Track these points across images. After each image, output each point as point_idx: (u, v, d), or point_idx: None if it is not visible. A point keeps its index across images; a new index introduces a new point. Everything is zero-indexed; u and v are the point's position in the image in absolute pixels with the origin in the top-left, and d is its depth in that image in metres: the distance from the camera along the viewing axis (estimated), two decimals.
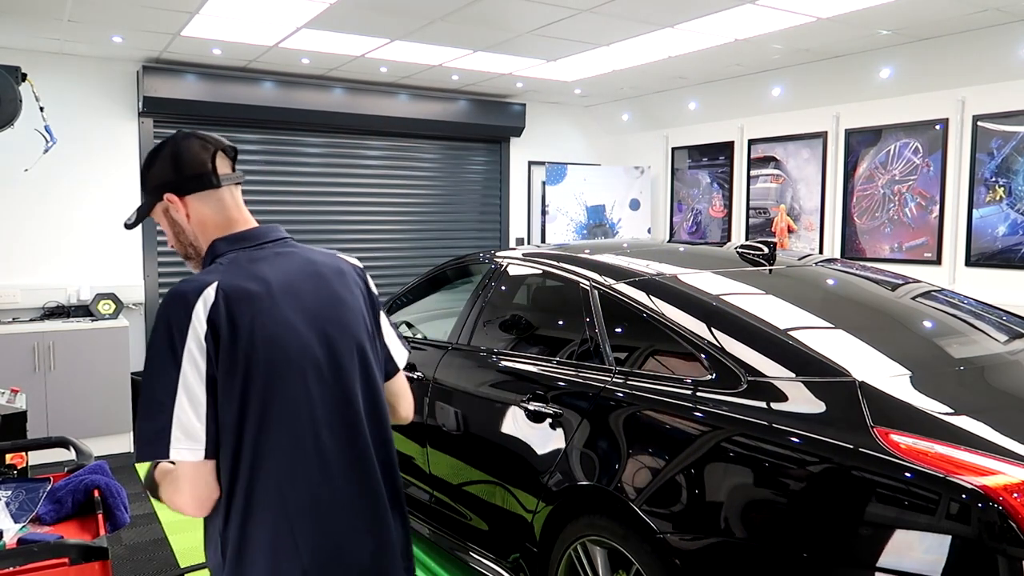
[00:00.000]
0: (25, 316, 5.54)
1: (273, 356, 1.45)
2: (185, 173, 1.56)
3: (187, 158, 1.57)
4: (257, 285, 1.48)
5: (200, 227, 1.58)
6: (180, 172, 1.56)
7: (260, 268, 1.52)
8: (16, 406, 3.57)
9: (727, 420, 2.07)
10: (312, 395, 1.49)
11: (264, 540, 1.45)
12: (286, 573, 1.45)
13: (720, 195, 7.00)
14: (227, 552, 1.47)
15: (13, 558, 1.82)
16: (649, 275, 2.73)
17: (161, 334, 1.42)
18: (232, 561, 1.46)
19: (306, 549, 1.46)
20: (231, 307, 1.43)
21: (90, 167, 5.80)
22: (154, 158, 1.60)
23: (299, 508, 1.46)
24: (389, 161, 7.09)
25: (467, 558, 3.05)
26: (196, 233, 1.59)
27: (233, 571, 1.47)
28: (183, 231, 1.60)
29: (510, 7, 4.48)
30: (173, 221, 1.60)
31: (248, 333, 1.43)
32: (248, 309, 1.45)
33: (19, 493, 2.21)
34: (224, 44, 5.38)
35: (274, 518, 1.45)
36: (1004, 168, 5.00)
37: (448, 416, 3.15)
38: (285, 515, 1.46)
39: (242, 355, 1.42)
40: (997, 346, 2.44)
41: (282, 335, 1.47)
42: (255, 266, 1.52)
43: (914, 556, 1.69)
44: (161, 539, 3.99)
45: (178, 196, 1.56)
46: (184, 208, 1.57)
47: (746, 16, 4.60)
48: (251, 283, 1.48)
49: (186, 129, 1.67)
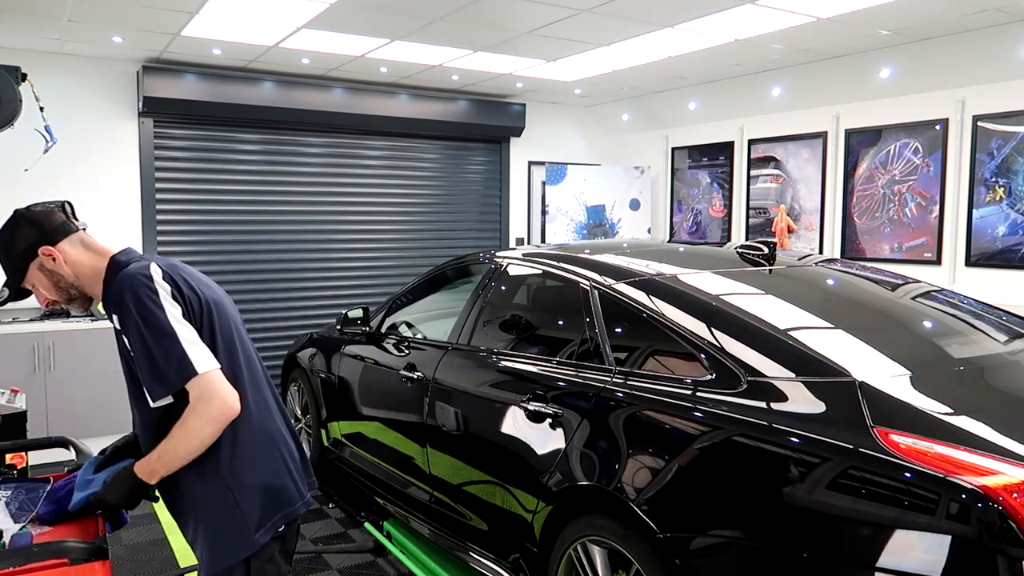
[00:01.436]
0: (25, 316, 5.54)
1: (220, 312, 1.86)
2: (47, 227, 1.84)
3: (42, 217, 1.85)
4: (178, 268, 1.85)
5: (78, 267, 1.85)
6: (41, 230, 1.83)
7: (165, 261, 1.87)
8: (16, 406, 3.57)
9: (727, 420, 2.07)
10: (245, 342, 1.94)
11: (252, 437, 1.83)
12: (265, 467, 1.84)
13: (720, 195, 7.00)
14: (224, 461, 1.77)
15: (13, 558, 1.82)
16: (649, 275, 2.73)
17: (140, 303, 1.71)
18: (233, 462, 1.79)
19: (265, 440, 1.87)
20: (174, 277, 1.79)
21: (90, 167, 5.80)
22: (13, 230, 1.84)
23: (260, 412, 1.88)
24: (389, 161, 7.09)
25: (467, 558, 3.05)
26: (75, 274, 1.85)
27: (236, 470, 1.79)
28: (62, 277, 1.85)
29: (510, 7, 4.48)
30: (51, 272, 1.85)
31: (197, 296, 1.81)
32: (185, 280, 1.82)
33: (19, 493, 2.21)
34: (224, 44, 5.38)
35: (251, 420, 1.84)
36: (1004, 168, 5.00)
37: (448, 416, 3.15)
38: (252, 418, 1.84)
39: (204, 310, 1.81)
40: (997, 346, 2.43)
41: (220, 300, 1.89)
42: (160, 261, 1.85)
43: (914, 556, 1.69)
44: (161, 539, 3.99)
45: (52, 245, 1.83)
46: (60, 255, 1.83)
47: (746, 16, 4.60)
48: (171, 267, 1.83)
49: (18, 209, 1.89)
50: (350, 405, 4.03)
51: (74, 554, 1.88)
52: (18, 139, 4.32)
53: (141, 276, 1.73)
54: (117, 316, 1.75)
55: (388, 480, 3.69)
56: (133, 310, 1.70)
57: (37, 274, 1.86)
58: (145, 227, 5.96)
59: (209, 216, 6.23)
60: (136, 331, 1.70)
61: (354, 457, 4.07)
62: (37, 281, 1.87)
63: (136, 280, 1.73)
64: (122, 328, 1.74)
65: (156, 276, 1.75)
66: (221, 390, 1.72)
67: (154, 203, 5.99)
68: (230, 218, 6.30)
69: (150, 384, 1.70)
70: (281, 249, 6.59)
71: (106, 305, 1.85)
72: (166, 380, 1.69)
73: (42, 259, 1.84)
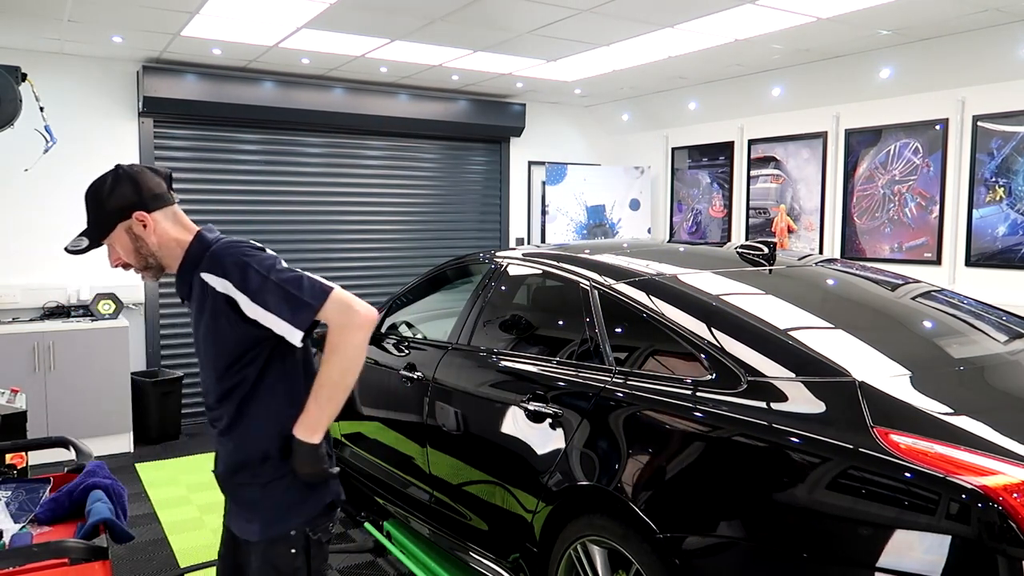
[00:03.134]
0: (25, 316, 5.54)
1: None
2: (147, 194, 1.84)
3: (144, 182, 1.85)
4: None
5: (164, 238, 1.86)
6: (141, 194, 1.84)
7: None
8: (16, 406, 3.57)
9: (727, 420, 2.07)
10: None
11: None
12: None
13: (720, 195, 7.00)
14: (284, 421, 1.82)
15: (13, 558, 1.82)
16: (649, 275, 2.73)
17: (254, 257, 1.79)
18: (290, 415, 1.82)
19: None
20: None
21: (90, 167, 5.75)
22: (113, 186, 1.83)
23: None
24: (389, 161, 7.09)
25: (467, 558, 3.05)
26: (158, 244, 1.86)
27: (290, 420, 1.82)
28: (145, 244, 1.86)
29: (510, 7, 4.48)
30: (136, 237, 1.85)
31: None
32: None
33: (19, 493, 2.21)
34: (224, 44, 5.38)
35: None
36: (1004, 168, 5.00)
37: (448, 416, 3.15)
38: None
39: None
40: (997, 346, 2.44)
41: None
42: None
43: (914, 556, 1.69)
44: (161, 539, 3.99)
45: (148, 212, 1.84)
46: (152, 223, 1.84)
47: (746, 16, 4.60)
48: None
49: (122, 165, 1.90)
50: (350, 405, 4.02)
51: (74, 554, 1.88)
52: (18, 139, 4.32)
53: (242, 242, 1.85)
54: (230, 280, 1.77)
55: (388, 480, 3.69)
56: (252, 264, 1.77)
57: (122, 235, 1.85)
58: None
59: (209, 216, 6.22)
60: (259, 279, 1.76)
61: (354, 457, 4.07)
62: (119, 242, 1.86)
63: (240, 244, 1.83)
64: (242, 287, 1.76)
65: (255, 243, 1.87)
66: (354, 298, 1.79)
67: None
68: (230, 218, 6.29)
69: (294, 315, 1.74)
70: (281, 249, 6.55)
71: (184, 279, 1.87)
72: (309, 304, 1.74)
73: (133, 222, 1.83)
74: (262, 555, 1.86)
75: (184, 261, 1.87)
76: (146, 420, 5.68)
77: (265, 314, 1.75)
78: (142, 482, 4.86)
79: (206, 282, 1.80)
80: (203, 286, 1.81)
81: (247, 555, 1.92)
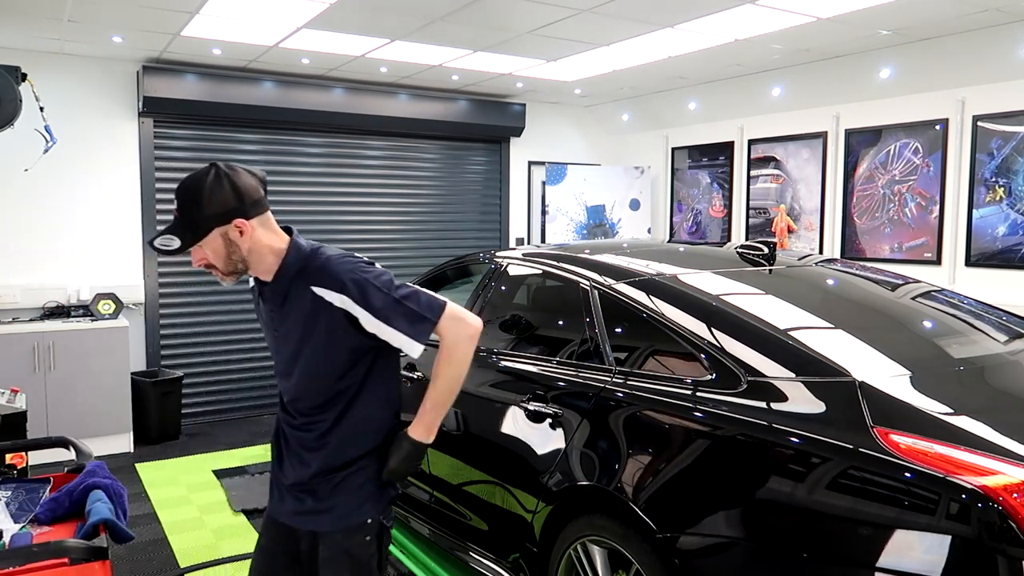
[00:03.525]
0: (25, 316, 5.54)
1: None
2: (247, 200, 1.81)
3: (245, 187, 1.82)
4: None
5: (256, 244, 1.85)
6: (242, 200, 1.80)
7: None
8: (16, 406, 3.57)
9: (727, 420, 2.07)
10: None
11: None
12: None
13: (720, 195, 7.00)
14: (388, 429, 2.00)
15: (13, 558, 1.82)
16: (649, 275, 2.73)
17: (371, 273, 1.86)
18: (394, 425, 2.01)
19: None
20: None
21: (90, 167, 5.80)
22: (214, 188, 1.78)
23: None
24: (389, 161, 7.09)
25: (467, 558, 3.05)
26: (249, 250, 1.84)
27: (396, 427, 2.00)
28: (238, 250, 1.84)
29: (510, 7, 4.48)
30: (230, 242, 1.82)
31: None
32: None
33: (19, 493, 2.21)
34: (224, 44, 5.38)
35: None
36: (1004, 168, 5.00)
37: (448, 416, 3.14)
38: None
39: None
40: (997, 346, 2.44)
41: None
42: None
43: (914, 556, 1.69)
44: (161, 539, 3.99)
45: (247, 219, 1.81)
46: (249, 230, 1.82)
47: (746, 16, 4.60)
48: None
49: (220, 163, 1.85)
50: None
51: (74, 554, 1.88)
52: (18, 139, 4.32)
53: (351, 255, 1.91)
54: (348, 296, 1.82)
55: None
56: (370, 281, 1.84)
57: (216, 239, 1.82)
58: (145, 227, 5.96)
59: None
60: (380, 296, 1.83)
61: None
62: (211, 245, 1.83)
63: (352, 259, 1.89)
64: (364, 301, 1.82)
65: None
66: (464, 311, 1.92)
67: (154, 203, 6.00)
68: None
69: (415, 330, 1.84)
70: None
71: (279, 288, 1.89)
72: (428, 319, 1.85)
73: (231, 228, 1.81)
74: (338, 544, 1.93)
75: (281, 270, 1.88)
76: (146, 420, 5.68)
77: (386, 329, 1.83)
78: (142, 482, 4.86)
79: (320, 296, 1.84)
80: (314, 299, 1.85)
81: (313, 546, 1.97)
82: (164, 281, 6.13)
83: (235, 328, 6.41)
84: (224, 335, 6.40)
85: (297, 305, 1.87)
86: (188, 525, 4.17)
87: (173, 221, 1.82)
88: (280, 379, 2.01)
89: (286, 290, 1.88)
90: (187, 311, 6.26)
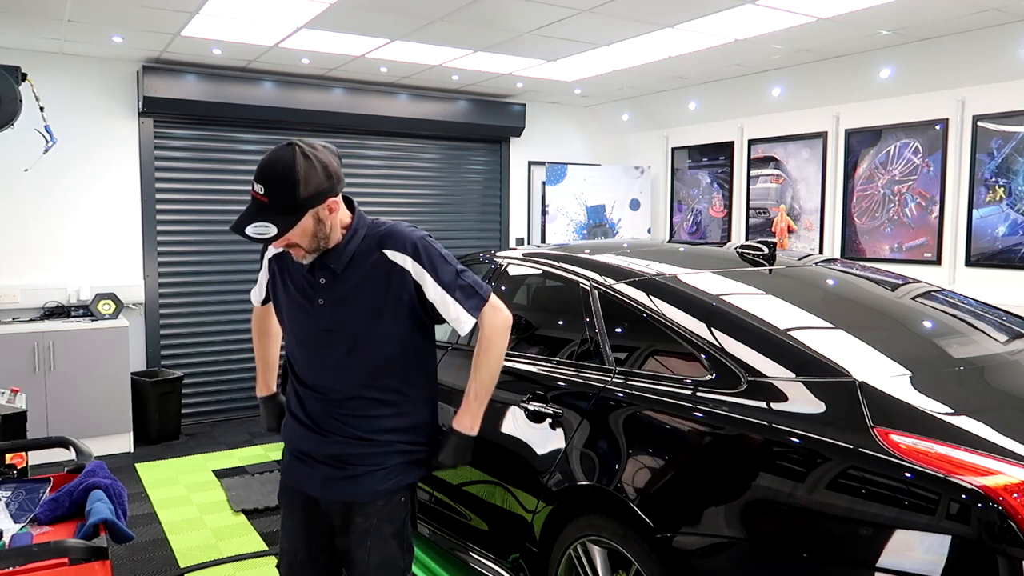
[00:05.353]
0: (25, 316, 5.54)
1: None
2: (334, 179, 1.83)
3: (332, 166, 1.83)
4: None
5: (335, 221, 1.88)
6: (332, 179, 1.82)
7: None
8: (16, 406, 3.57)
9: (727, 420, 2.07)
10: None
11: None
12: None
13: (720, 195, 7.00)
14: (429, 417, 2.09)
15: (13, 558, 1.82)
16: (649, 275, 2.73)
17: (437, 248, 1.95)
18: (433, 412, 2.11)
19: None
20: None
21: (90, 167, 5.80)
22: (307, 170, 1.77)
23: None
24: (389, 161, 7.09)
25: (467, 558, 3.05)
26: (332, 227, 1.87)
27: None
28: (323, 228, 1.85)
29: (510, 7, 4.48)
30: (319, 221, 1.83)
31: None
32: None
33: (19, 493, 2.21)
34: (224, 44, 5.38)
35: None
36: (1004, 168, 5.00)
37: (448, 416, 3.14)
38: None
39: None
40: (997, 346, 2.44)
41: None
42: None
43: (914, 556, 1.69)
44: (161, 539, 3.99)
45: (335, 197, 1.85)
46: (337, 208, 1.86)
47: (746, 16, 4.60)
48: None
49: (294, 139, 1.84)
50: None
51: (74, 554, 1.88)
52: (18, 139, 4.32)
53: (417, 231, 1.98)
54: (418, 262, 1.90)
55: None
56: (439, 253, 1.95)
57: (308, 220, 1.81)
58: (145, 227, 5.96)
59: (209, 216, 6.22)
60: (446, 267, 1.93)
61: None
62: (302, 226, 1.81)
63: (418, 232, 1.96)
64: (432, 268, 1.91)
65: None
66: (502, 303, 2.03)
67: (154, 203, 6.00)
68: (230, 218, 6.27)
69: (470, 304, 1.93)
70: None
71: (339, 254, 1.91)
72: (481, 297, 1.96)
73: (322, 208, 1.81)
74: (379, 510, 1.99)
75: (347, 237, 1.92)
76: (146, 420, 5.69)
77: (446, 298, 1.90)
78: (142, 482, 4.86)
79: (390, 259, 1.89)
80: (385, 262, 1.89)
81: (346, 517, 2.00)
82: (164, 281, 6.13)
83: (235, 328, 6.41)
84: (224, 335, 6.40)
85: (362, 270, 1.91)
86: (188, 525, 4.17)
87: (260, 205, 1.77)
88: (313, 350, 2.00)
89: (351, 256, 1.91)
90: (187, 311, 6.26)
